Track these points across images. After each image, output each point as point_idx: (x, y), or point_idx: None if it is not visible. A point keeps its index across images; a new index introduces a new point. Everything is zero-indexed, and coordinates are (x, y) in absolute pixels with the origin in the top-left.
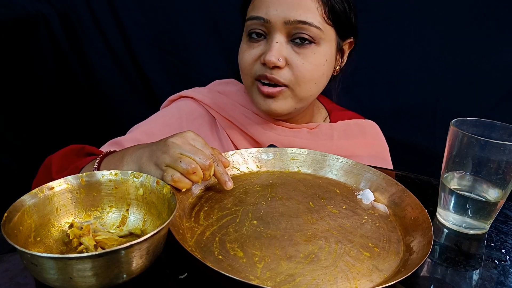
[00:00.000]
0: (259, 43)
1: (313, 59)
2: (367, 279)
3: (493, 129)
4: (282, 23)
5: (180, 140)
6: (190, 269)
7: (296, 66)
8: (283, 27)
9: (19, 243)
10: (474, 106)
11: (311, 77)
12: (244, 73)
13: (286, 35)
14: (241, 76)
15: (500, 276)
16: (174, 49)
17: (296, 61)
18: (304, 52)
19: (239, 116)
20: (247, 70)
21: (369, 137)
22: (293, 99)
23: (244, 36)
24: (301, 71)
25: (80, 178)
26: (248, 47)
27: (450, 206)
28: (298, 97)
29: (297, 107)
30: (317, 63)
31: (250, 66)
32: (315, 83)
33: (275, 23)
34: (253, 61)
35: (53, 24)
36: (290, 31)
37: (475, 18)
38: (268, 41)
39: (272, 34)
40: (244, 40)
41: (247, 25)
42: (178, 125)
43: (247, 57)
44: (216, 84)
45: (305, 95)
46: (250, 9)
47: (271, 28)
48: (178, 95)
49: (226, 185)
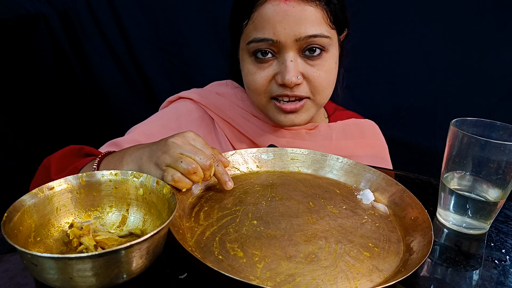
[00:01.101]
0: (269, 63)
1: (326, 66)
2: (367, 279)
3: (493, 129)
4: (293, 41)
5: (180, 140)
6: (190, 269)
7: (313, 78)
8: (294, 44)
9: (19, 243)
10: (474, 106)
11: (328, 83)
12: (257, 94)
13: (297, 50)
14: (249, 95)
15: (500, 276)
16: (174, 49)
17: (313, 73)
18: (317, 63)
19: (237, 117)
20: (261, 91)
21: (369, 137)
22: (314, 108)
23: (245, 56)
24: (319, 82)
25: (80, 178)
26: (257, 69)
27: (450, 206)
28: (318, 105)
29: (316, 112)
30: (330, 68)
31: (264, 88)
32: (331, 87)
33: (286, 42)
34: (267, 82)
35: (53, 24)
36: (301, 46)
37: (475, 18)
38: (280, 60)
39: (284, 53)
40: (248, 60)
41: (250, 47)
42: (177, 126)
43: (259, 79)
44: (215, 85)
45: (324, 101)
46: (251, 29)
47: (281, 47)
48: (176, 96)
49: (227, 185)
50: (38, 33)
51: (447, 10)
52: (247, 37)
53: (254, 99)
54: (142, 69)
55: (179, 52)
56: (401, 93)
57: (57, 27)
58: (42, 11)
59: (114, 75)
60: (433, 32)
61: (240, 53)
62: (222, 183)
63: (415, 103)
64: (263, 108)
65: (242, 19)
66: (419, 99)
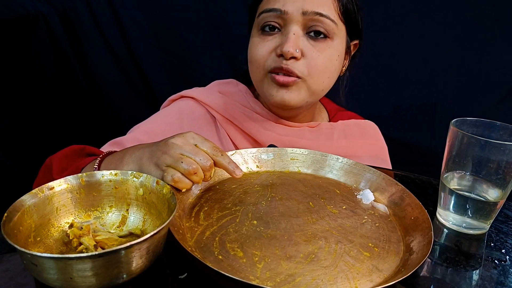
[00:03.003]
0: (273, 36)
1: (327, 52)
2: (367, 279)
3: (493, 129)
4: (300, 14)
5: (180, 140)
6: (190, 269)
7: (312, 57)
8: (300, 18)
9: (19, 243)
10: (474, 106)
11: (325, 69)
12: (256, 66)
13: (302, 27)
14: (250, 70)
15: (500, 276)
16: (174, 49)
17: (312, 53)
18: (319, 45)
19: (239, 116)
20: (260, 62)
21: (369, 137)
22: (306, 92)
23: (255, 31)
24: (316, 63)
25: (80, 178)
26: (261, 40)
27: (450, 206)
28: (311, 89)
29: (309, 100)
30: (331, 57)
31: (264, 59)
32: (328, 77)
33: (292, 14)
34: (267, 54)
35: (53, 24)
36: (307, 23)
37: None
38: (284, 33)
39: (288, 26)
40: (256, 34)
41: (260, 19)
42: (179, 125)
43: (260, 49)
44: (217, 84)
45: (317, 88)
46: (265, 3)
47: (288, 19)
48: (178, 95)
49: (235, 174)
50: (38, 33)
51: (447, 10)
52: (259, 11)
53: (253, 74)
54: (142, 69)
55: (179, 52)
56: (401, 93)
57: (57, 27)
58: (42, 11)
59: (114, 75)
60: (433, 32)
61: (252, 32)
62: (230, 173)
63: (415, 103)
64: (260, 83)
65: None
66: (419, 99)
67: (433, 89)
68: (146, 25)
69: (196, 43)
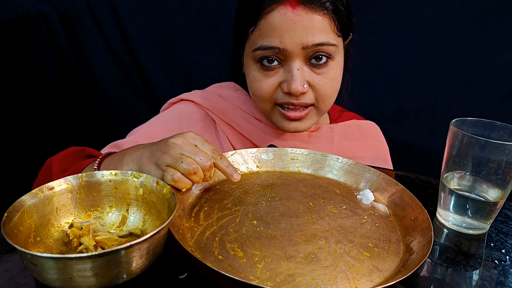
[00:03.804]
0: (274, 71)
1: (331, 74)
2: (367, 279)
3: (493, 129)
4: (300, 49)
5: (180, 140)
6: (190, 269)
7: (319, 86)
8: (300, 52)
9: (19, 243)
10: (474, 106)
11: (333, 91)
12: (262, 101)
13: (303, 58)
14: (254, 101)
15: (500, 276)
16: (174, 49)
17: (318, 81)
18: (323, 71)
19: (239, 120)
20: (266, 98)
21: (370, 138)
22: (317, 115)
23: (251, 62)
24: (324, 90)
25: (80, 178)
26: (263, 76)
27: (450, 206)
28: (322, 111)
29: (320, 118)
30: (335, 76)
31: (269, 95)
32: (335, 95)
33: (293, 50)
34: (273, 90)
35: (53, 24)
36: (308, 54)
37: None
38: (287, 69)
39: (290, 62)
40: (253, 67)
41: (256, 54)
42: (179, 128)
43: (265, 86)
44: (216, 87)
45: (327, 108)
46: (257, 37)
47: (288, 55)
48: (178, 98)
49: (233, 178)
50: (38, 33)
51: (447, 10)
52: (253, 44)
53: (259, 105)
54: (142, 69)
55: (179, 52)
56: (401, 93)
57: (57, 27)
58: (42, 11)
59: (114, 75)
60: (433, 32)
61: (245, 58)
62: (228, 177)
63: (415, 103)
64: (268, 114)
65: (248, 26)
66: (419, 99)
67: (433, 89)
68: (146, 25)
69: (196, 43)
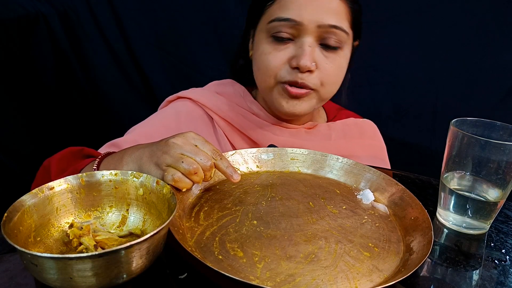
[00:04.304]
0: (286, 46)
1: (338, 62)
2: (367, 279)
3: (493, 129)
4: (315, 27)
5: (181, 140)
6: (190, 269)
7: (325, 69)
8: (315, 30)
9: (19, 243)
10: (474, 106)
11: (336, 80)
12: (267, 75)
13: (316, 38)
14: (257, 76)
15: (500, 276)
16: (174, 49)
17: (325, 64)
18: (331, 56)
19: (237, 116)
20: (272, 72)
21: (367, 136)
22: (316, 101)
23: (262, 36)
24: (329, 74)
25: (80, 178)
26: (273, 49)
27: (450, 206)
28: (321, 98)
29: (316, 107)
30: (341, 66)
31: (276, 69)
32: (337, 85)
33: (308, 26)
34: (281, 64)
35: (53, 24)
36: (321, 35)
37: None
38: (298, 44)
39: (303, 37)
40: (265, 41)
41: (271, 26)
42: (176, 126)
43: (273, 59)
44: (214, 85)
45: (327, 97)
46: (275, 9)
47: (302, 30)
48: (175, 96)
49: (233, 178)
50: (38, 33)
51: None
52: (270, 16)
53: (262, 82)
54: (142, 69)
55: (179, 52)
56: (401, 93)
57: (57, 27)
58: (42, 11)
59: (114, 75)
60: (433, 32)
61: (256, 35)
62: (228, 177)
63: (415, 103)
64: (269, 91)
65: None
66: (419, 99)
67: (433, 89)
68: (146, 25)
69: (196, 43)
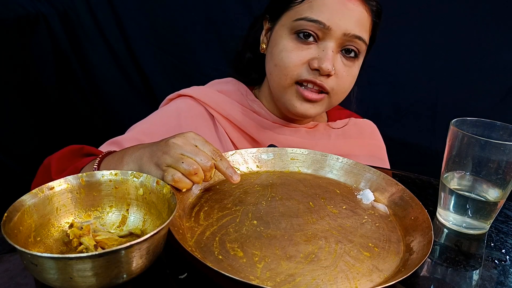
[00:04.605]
0: (308, 46)
1: (353, 71)
2: (367, 279)
3: (493, 129)
4: (341, 34)
5: (181, 140)
6: (190, 269)
7: (342, 76)
8: (340, 36)
9: (19, 243)
10: (474, 106)
11: (349, 87)
12: (284, 73)
13: (339, 44)
14: (272, 72)
15: (500, 276)
16: (174, 49)
17: (343, 72)
18: (349, 64)
19: (238, 115)
20: (291, 70)
21: (367, 136)
22: (327, 105)
23: (286, 32)
24: (344, 82)
25: (80, 178)
26: (296, 47)
27: (450, 206)
28: (331, 103)
29: (324, 111)
30: (355, 75)
31: (296, 68)
32: (347, 93)
33: (335, 31)
34: (301, 64)
35: (53, 24)
36: (343, 42)
37: (475, 18)
38: (321, 47)
39: (328, 41)
40: (289, 37)
41: (297, 24)
42: (177, 124)
43: (294, 57)
44: (215, 83)
45: (336, 103)
46: (305, 8)
47: (328, 34)
48: (176, 94)
49: (232, 179)
50: (38, 33)
51: (447, 10)
52: (297, 14)
53: (277, 79)
54: (142, 69)
55: (179, 52)
56: (401, 93)
57: (57, 27)
58: (42, 11)
59: (114, 75)
60: (433, 32)
61: (276, 29)
62: (228, 178)
63: (415, 103)
64: (282, 90)
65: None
66: (419, 99)
67: (433, 89)
68: (146, 25)
69: (196, 43)
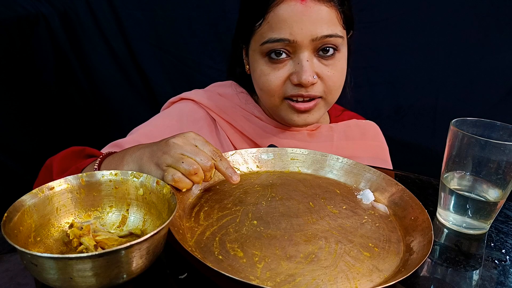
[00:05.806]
0: (283, 63)
1: (339, 66)
2: (367, 279)
3: (493, 129)
4: (310, 41)
5: (181, 140)
6: (190, 269)
7: (328, 77)
8: (309, 44)
9: (19, 243)
10: (474, 106)
11: (340, 83)
12: (271, 95)
13: (312, 50)
14: (261, 96)
15: (500, 276)
16: (174, 49)
17: (327, 73)
18: (331, 63)
19: (239, 118)
20: (275, 92)
21: (369, 138)
22: (325, 107)
23: (258, 57)
24: (333, 81)
25: (80, 178)
26: (271, 69)
27: (450, 206)
28: (329, 103)
29: (325, 112)
30: (342, 68)
31: (279, 88)
32: (341, 87)
33: (302, 42)
34: (282, 83)
35: (53, 24)
36: (316, 46)
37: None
38: (296, 60)
39: (299, 53)
40: (261, 61)
41: (265, 47)
42: (179, 127)
43: (273, 79)
44: (216, 86)
45: (334, 100)
46: (266, 30)
47: (297, 47)
48: (178, 97)
49: (232, 180)
50: (38, 33)
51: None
52: (261, 38)
53: (267, 100)
54: (142, 69)
55: (179, 52)
56: (401, 93)
57: (57, 27)
58: (42, 11)
59: (114, 75)
60: (433, 32)
61: (250, 54)
62: (227, 178)
63: (415, 103)
64: (276, 108)
65: (255, 20)
66: (419, 99)
67: (433, 89)
68: (146, 25)
69: (196, 43)
